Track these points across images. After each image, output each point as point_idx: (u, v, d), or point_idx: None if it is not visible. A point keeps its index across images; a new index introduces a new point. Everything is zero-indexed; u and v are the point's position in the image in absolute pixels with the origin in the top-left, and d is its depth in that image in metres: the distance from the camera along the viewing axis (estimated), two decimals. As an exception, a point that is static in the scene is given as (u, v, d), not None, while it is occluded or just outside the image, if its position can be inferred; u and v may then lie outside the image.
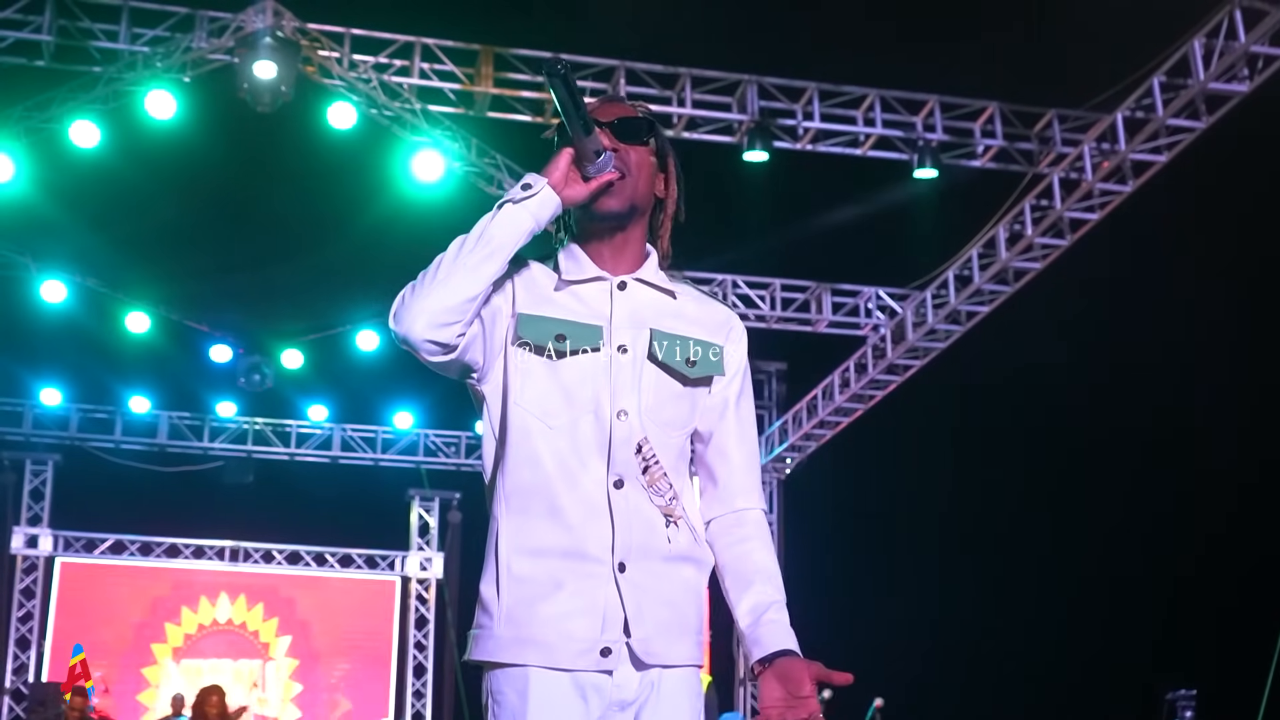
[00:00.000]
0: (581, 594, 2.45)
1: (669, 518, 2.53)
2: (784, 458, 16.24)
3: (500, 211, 2.48)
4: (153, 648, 17.09)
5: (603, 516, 2.47)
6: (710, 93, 11.44)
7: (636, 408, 2.52)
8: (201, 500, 16.65)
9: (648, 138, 2.61)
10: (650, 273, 2.64)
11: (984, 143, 11.72)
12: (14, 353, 14.99)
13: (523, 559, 2.48)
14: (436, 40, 11.07)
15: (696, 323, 2.64)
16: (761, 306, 13.98)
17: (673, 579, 2.52)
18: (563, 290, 2.58)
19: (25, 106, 10.89)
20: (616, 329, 2.56)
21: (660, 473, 2.52)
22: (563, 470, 2.49)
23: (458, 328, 2.44)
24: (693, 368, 2.58)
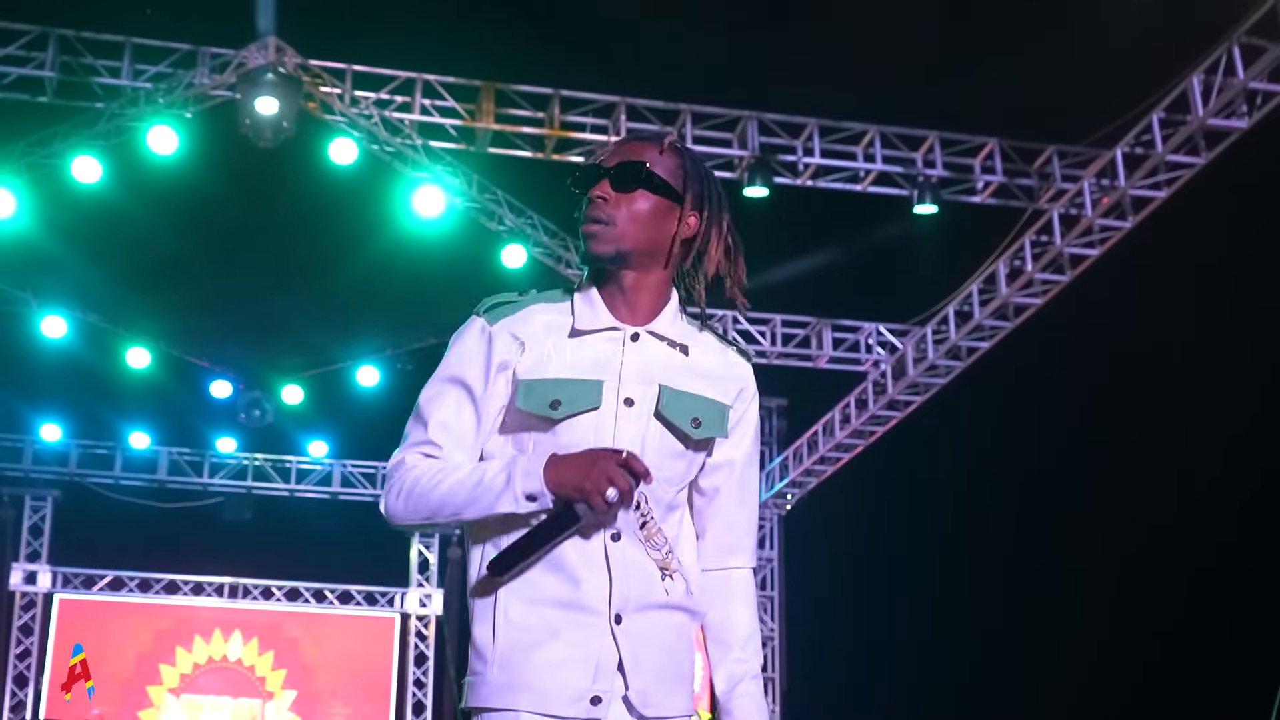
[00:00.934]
0: (577, 644, 2.46)
1: (665, 570, 2.54)
2: (784, 494, 16.21)
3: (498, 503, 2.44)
4: (151, 685, 17.01)
5: (600, 569, 2.48)
6: (710, 128, 11.47)
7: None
8: (201, 536, 16.61)
9: (635, 186, 2.56)
10: (665, 324, 2.61)
11: (984, 178, 11.75)
12: (14, 388, 14.98)
13: (520, 606, 2.49)
14: (438, 76, 11.11)
15: (708, 379, 2.62)
16: (762, 342, 13.98)
17: (669, 628, 2.54)
18: (575, 338, 2.58)
19: (27, 142, 10.92)
20: (625, 382, 2.54)
21: (657, 528, 2.54)
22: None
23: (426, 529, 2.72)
24: (698, 428, 2.56)
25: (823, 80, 11.06)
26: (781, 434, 16.54)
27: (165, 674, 17.10)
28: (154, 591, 17.28)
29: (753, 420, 2.70)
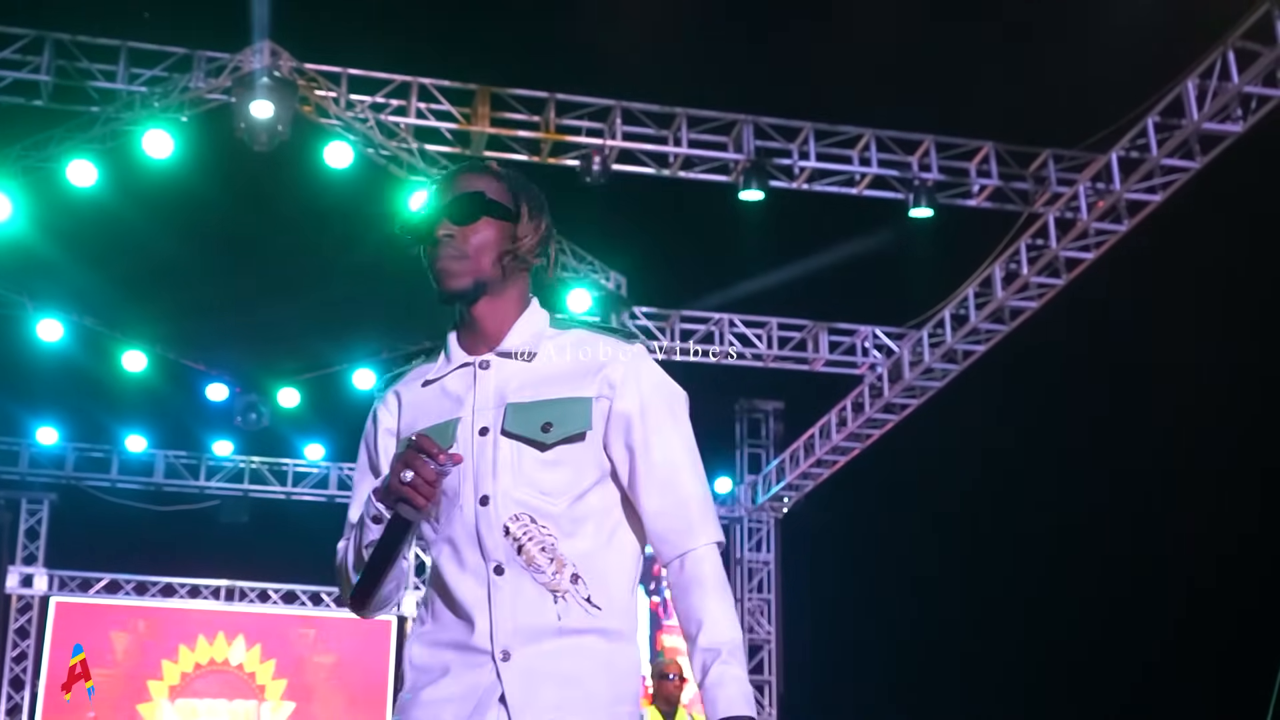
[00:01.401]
0: (461, 681, 2.44)
1: (556, 594, 2.46)
2: (781, 496, 16.21)
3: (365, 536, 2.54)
4: (149, 685, 16.98)
5: (485, 606, 2.45)
6: (706, 132, 11.48)
7: (498, 489, 2.48)
8: (197, 539, 16.59)
9: (476, 214, 2.57)
10: (515, 339, 2.59)
11: (980, 182, 11.76)
12: (10, 392, 14.95)
13: (423, 650, 2.53)
14: (433, 80, 11.11)
15: (562, 379, 2.55)
16: (759, 345, 13.98)
17: (572, 654, 2.45)
18: (431, 388, 2.61)
19: (23, 146, 10.92)
20: (478, 412, 2.53)
21: (536, 550, 2.46)
22: (449, 569, 2.51)
23: (399, 593, 2.64)
24: (548, 432, 2.49)
25: (818, 84, 11.08)
26: (778, 437, 16.55)
27: (161, 677, 17.08)
28: (150, 594, 17.24)
29: (637, 397, 2.55)
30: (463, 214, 2.57)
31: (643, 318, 13.70)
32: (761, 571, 16.55)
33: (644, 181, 11.58)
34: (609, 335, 2.63)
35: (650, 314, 13.77)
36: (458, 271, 2.55)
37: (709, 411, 16.33)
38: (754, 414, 16.93)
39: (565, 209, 11.90)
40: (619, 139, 11.28)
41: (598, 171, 11.09)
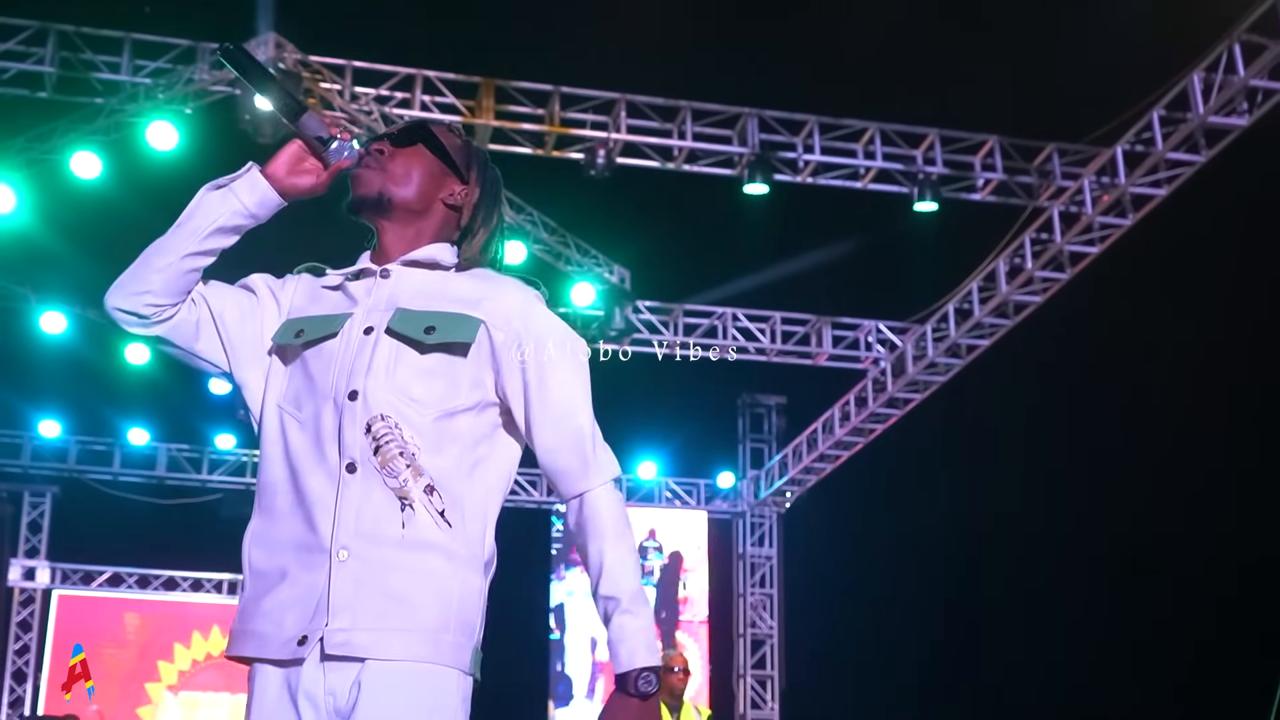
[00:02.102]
0: (299, 583, 2.37)
1: (404, 500, 2.40)
2: (784, 491, 16.21)
3: (202, 193, 2.54)
4: (150, 682, 17.01)
5: (331, 504, 2.39)
6: (710, 125, 11.46)
7: (368, 386, 2.45)
8: (200, 533, 16.57)
9: (414, 141, 2.64)
10: (423, 254, 2.60)
11: (984, 176, 11.74)
12: (13, 384, 14.96)
13: (260, 552, 2.45)
14: (438, 73, 11.10)
15: (458, 300, 2.54)
16: (761, 339, 13.97)
17: (407, 569, 2.37)
18: (334, 289, 2.61)
19: (27, 138, 10.92)
20: (369, 312, 2.53)
21: (394, 452, 2.41)
22: (303, 462, 2.45)
23: (148, 298, 2.51)
24: (430, 334, 2.47)
25: (823, 77, 11.07)
26: (781, 431, 16.55)
27: (164, 670, 17.10)
28: (152, 588, 17.27)
29: (532, 332, 2.54)
30: (401, 137, 2.64)
31: (646, 311, 13.69)
32: (764, 566, 16.55)
33: (648, 175, 11.56)
34: (514, 277, 2.64)
35: (653, 307, 13.76)
36: (369, 180, 2.58)
37: (711, 406, 16.35)
38: (757, 408, 16.93)
39: (569, 202, 11.96)
40: (623, 132, 11.26)
41: (602, 164, 11.08)
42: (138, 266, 2.52)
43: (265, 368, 2.59)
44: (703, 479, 16.92)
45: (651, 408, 15.31)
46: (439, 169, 2.64)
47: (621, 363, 13.67)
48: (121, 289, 2.52)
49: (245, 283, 2.66)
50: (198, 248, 2.51)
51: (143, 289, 2.50)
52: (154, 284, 2.50)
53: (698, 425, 16.34)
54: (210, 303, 2.59)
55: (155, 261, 2.50)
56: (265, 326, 2.62)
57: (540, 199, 12.03)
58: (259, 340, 2.61)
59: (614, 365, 13.60)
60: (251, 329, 2.61)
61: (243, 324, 2.60)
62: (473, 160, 2.69)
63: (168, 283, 2.51)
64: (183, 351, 2.59)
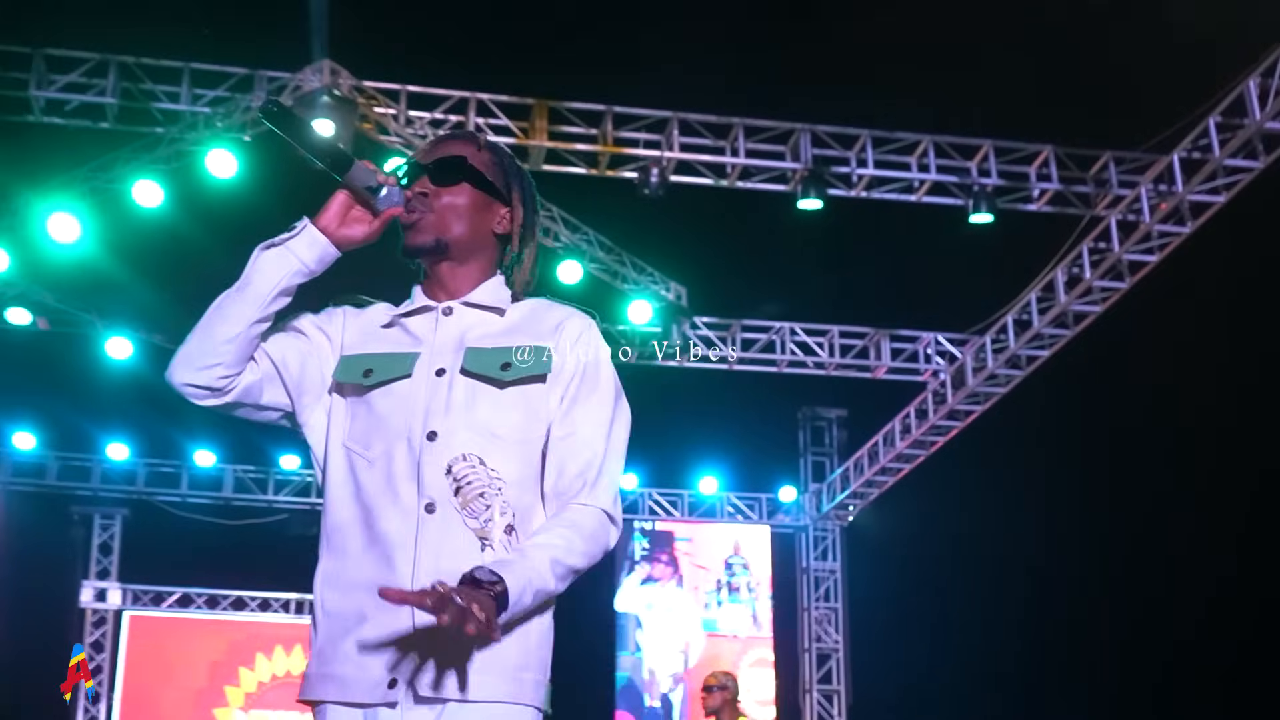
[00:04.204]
0: (382, 625, 2.36)
1: (484, 541, 2.40)
2: (846, 505, 16.15)
3: (258, 255, 2.51)
4: (219, 704, 17.17)
5: (410, 545, 2.39)
6: (763, 142, 11.46)
7: (447, 426, 2.44)
8: (266, 553, 16.73)
9: (455, 177, 2.60)
10: (484, 294, 2.60)
11: (1040, 186, 11.66)
12: (82, 409, 15.20)
13: (334, 594, 2.45)
14: (491, 95, 11.18)
15: (523, 332, 2.56)
16: (820, 354, 13.95)
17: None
18: (392, 326, 2.60)
19: (90, 168, 11.11)
20: (437, 353, 2.52)
21: (475, 493, 2.41)
22: (376, 502, 2.43)
23: (219, 370, 2.47)
24: (507, 370, 2.48)
25: (875, 91, 11.04)
26: (841, 445, 16.50)
27: (233, 691, 17.26)
28: (221, 608, 17.44)
29: (581, 358, 2.55)
30: (443, 176, 2.60)
31: (704, 327, 13.70)
32: (828, 580, 16.49)
33: (702, 192, 11.59)
34: (570, 305, 2.65)
35: (711, 324, 13.77)
36: (422, 227, 2.57)
37: (771, 420, 16.32)
38: (817, 422, 16.88)
39: (624, 221, 12.01)
40: (676, 150, 11.29)
41: (656, 183, 11.11)
42: (201, 340, 2.48)
43: (327, 407, 2.59)
44: (765, 493, 16.89)
45: (712, 423, 15.32)
46: (483, 200, 2.62)
47: (681, 379, 13.71)
48: (189, 364, 2.49)
49: (293, 325, 2.63)
50: (263, 313, 2.49)
51: (213, 362, 2.47)
52: (224, 355, 2.47)
53: (758, 440, 16.32)
54: (271, 354, 2.56)
55: (221, 332, 2.47)
56: (324, 367, 2.61)
57: (595, 218, 12.08)
58: (320, 381, 2.60)
59: (673, 382, 13.64)
60: (312, 371, 2.59)
61: (303, 368, 2.58)
62: (510, 177, 2.68)
63: (237, 351, 2.48)
64: (250, 409, 2.56)
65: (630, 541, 16.45)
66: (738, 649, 16.33)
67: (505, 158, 2.70)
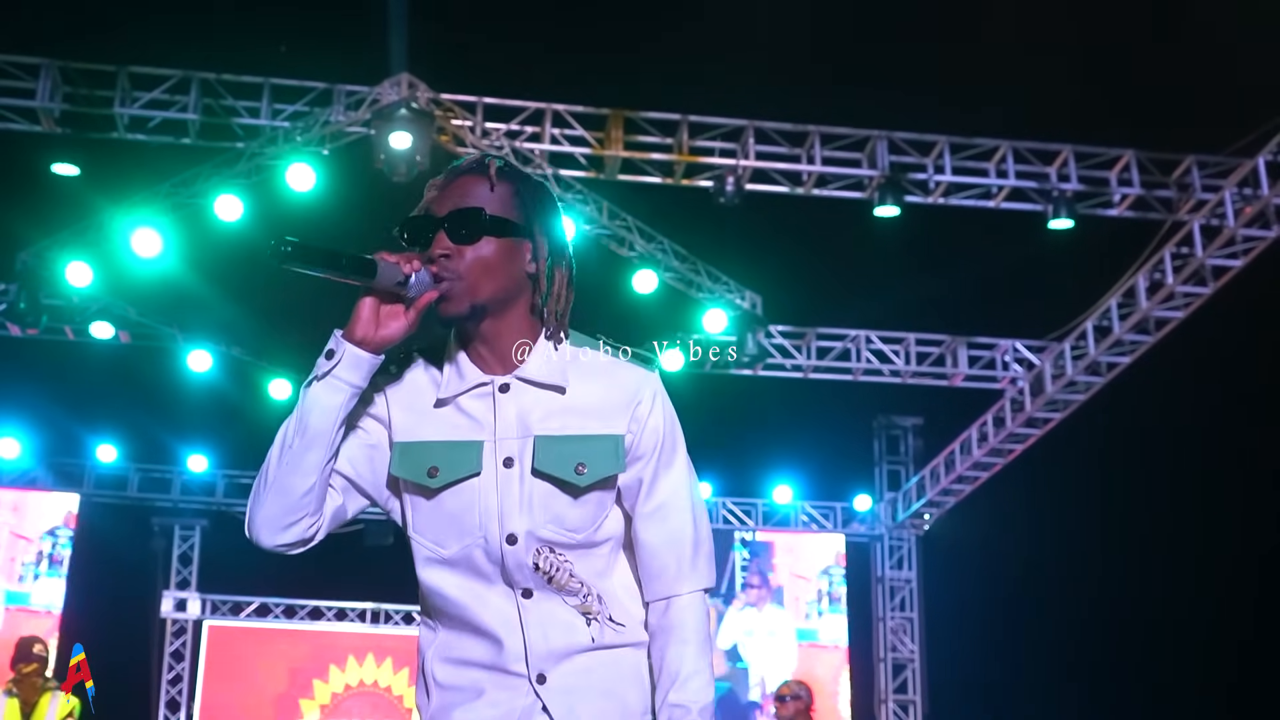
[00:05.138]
0: (499, 703, 2.40)
1: (588, 616, 2.44)
2: (922, 513, 16.04)
3: (308, 393, 2.36)
4: (300, 705, 17.30)
5: (516, 630, 2.40)
6: (839, 149, 11.43)
7: (525, 528, 2.40)
8: (343, 563, 16.82)
9: (477, 234, 2.39)
10: (535, 367, 2.43)
11: (1121, 191, 11.53)
12: (163, 421, 15.40)
13: (447, 668, 2.47)
14: (566, 106, 11.22)
15: (592, 413, 2.44)
16: (896, 361, 13.87)
17: (609, 668, 2.44)
18: (444, 405, 2.45)
19: (172, 183, 11.26)
20: (501, 440, 2.41)
21: (567, 576, 2.42)
22: (470, 594, 2.43)
23: (305, 523, 2.39)
24: (583, 475, 2.40)
25: (952, 97, 10.98)
26: (917, 453, 16.39)
27: (309, 700, 17.40)
28: (299, 618, 17.58)
29: (658, 431, 2.48)
30: (460, 233, 2.39)
31: (779, 336, 13.66)
32: (903, 590, 16.38)
33: (778, 200, 11.56)
34: (632, 362, 2.52)
35: (786, 332, 13.73)
36: (453, 295, 2.37)
37: (846, 429, 16.25)
38: (892, 430, 16.78)
39: (699, 230, 11.99)
40: (752, 159, 11.27)
41: (731, 192, 11.10)
42: (278, 498, 2.38)
43: (401, 497, 2.51)
44: (839, 502, 16.81)
45: (786, 432, 15.27)
46: (508, 245, 2.42)
47: (756, 388, 13.68)
48: (273, 527, 2.41)
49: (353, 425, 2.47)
50: (331, 452, 2.38)
51: (297, 518, 2.39)
52: (307, 506, 2.39)
53: (833, 448, 16.24)
54: (342, 470, 2.45)
55: (296, 486, 2.37)
56: (383, 456, 2.49)
57: (670, 227, 12.09)
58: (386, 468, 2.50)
59: (748, 391, 13.62)
60: (381, 467, 2.48)
61: (373, 468, 2.47)
62: (529, 205, 2.47)
63: (317, 499, 2.40)
64: (343, 526, 2.52)
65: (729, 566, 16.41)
66: (839, 659, 16.27)
67: (520, 181, 2.49)
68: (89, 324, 12.90)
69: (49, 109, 10.57)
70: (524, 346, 2.44)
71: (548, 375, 2.43)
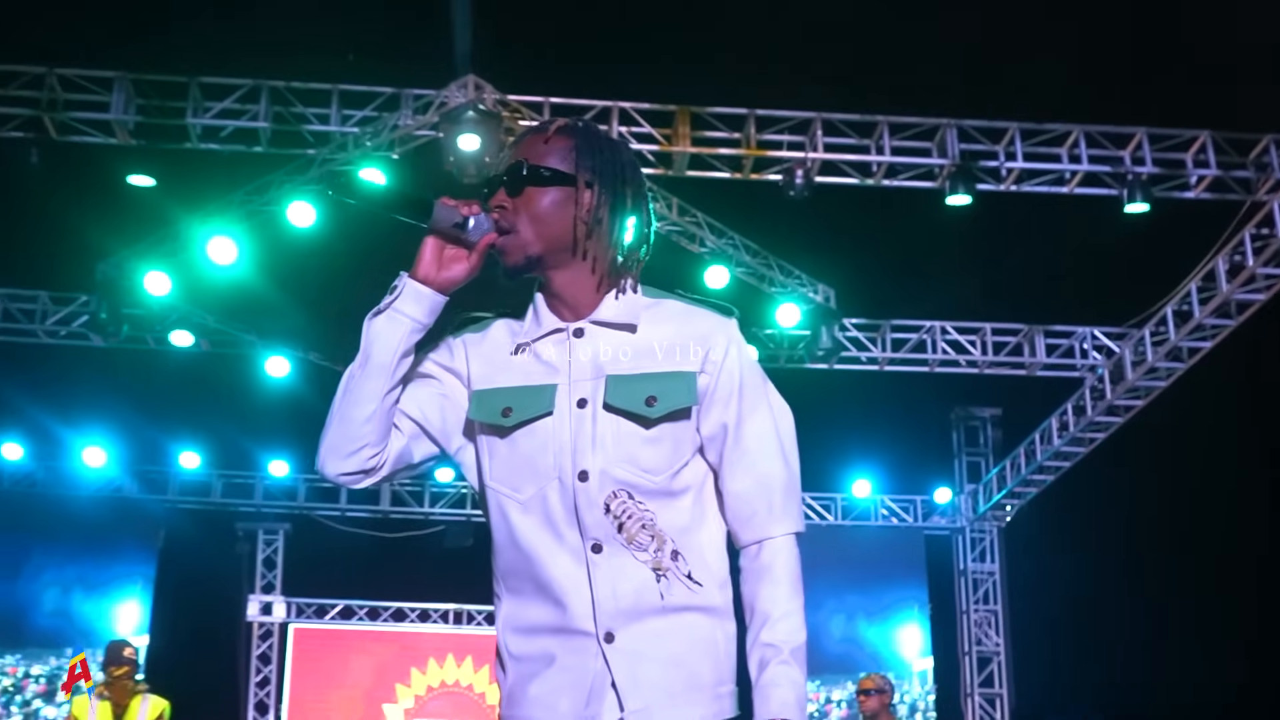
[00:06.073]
0: (569, 669, 2.38)
1: (659, 572, 2.40)
2: (1003, 505, 15.88)
3: (370, 325, 2.45)
4: (384, 709, 17.45)
5: (583, 585, 2.38)
6: (909, 138, 11.30)
7: (599, 466, 2.40)
8: (425, 564, 16.98)
9: (525, 184, 2.46)
10: (609, 310, 2.48)
11: (1197, 173, 11.31)
12: (244, 427, 15.59)
13: (518, 638, 2.46)
14: (633, 103, 11.21)
15: (665, 352, 2.47)
16: (972, 352, 13.73)
17: (677, 635, 2.39)
18: (521, 352, 2.51)
19: (245, 191, 11.41)
20: (575, 382, 2.45)
21: (638, 527, 2.40)
22: (541, 545, 2.42)
23: (366, 452, 2.45)
24: (653, 406, 2.42)
25: (1022, 82, 10.84)
26: (997, 444, 16.23)
27: (395, 701, 17.53)
28: (382, 619, 17.73)
29: (736, 374, 2.49)
30: (510, 185, 2.48)
31: (852, 329, 13.58)
32: (986, 582, 16.23)
33: (848, 192, 11.47)
34: (707, 308, 2.54)
35: (860, 325, 13.65)
36: (508, 248, 2.47)
37: (924, 421, 16.12)
38: (971, 422, 16.63)
39: (770, 224, 11.94)
40: (820, 151, 11.19)
41: (800, 185, 11.03)
42: (340, 427, 2.46)
43: (474, 446, 2.55)
44: (919, 495, 16.69)
45: (863, 426, 15.16)
46: (560, 194, 2.48)
47: (831, 382, 13.60)
48: (335, 454, 2.47)
49: (421, 372, 2.56)
50: (392, 383, 2.45)
51: (358, 446, 2.45)
52: (369, 436, 2.45)
53: (911, 441, 16.11)
54: (409, 413, 2.52)
55: (357, 414, 2.44)
56: (461, 407, 2.55)
57: (741, 222, 12.05)
58: (461, 423, 2.55)
59: (824, 385, 13.54)
60: (451, 415, 2.55)
61: (443, 414, 2.54)
62: (583, 155, 2.51)
63: (378, 428, 2.45)
64: (405, 471, 2.55)
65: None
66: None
67: (582, 136, 2.53)
68: (169, 332, 13.10)
69: (123, 121, 10.72)
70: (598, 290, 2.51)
71: (618, 315, 2.48)
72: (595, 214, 2.48)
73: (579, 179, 2.48)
